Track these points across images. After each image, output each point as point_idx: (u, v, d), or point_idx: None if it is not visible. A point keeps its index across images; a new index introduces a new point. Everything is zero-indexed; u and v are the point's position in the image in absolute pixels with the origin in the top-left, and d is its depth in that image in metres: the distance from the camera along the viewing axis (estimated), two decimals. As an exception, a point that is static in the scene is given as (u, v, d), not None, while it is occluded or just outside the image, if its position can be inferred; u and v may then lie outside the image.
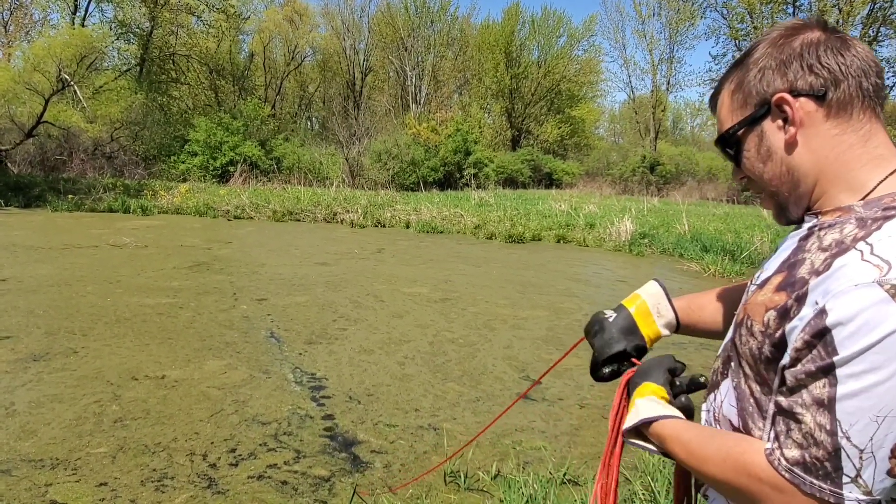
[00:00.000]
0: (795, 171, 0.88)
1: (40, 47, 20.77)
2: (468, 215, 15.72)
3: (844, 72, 0.83)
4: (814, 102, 0.84)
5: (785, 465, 0.76)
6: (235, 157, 24.83)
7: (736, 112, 0.93)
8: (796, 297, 0.80)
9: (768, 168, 0.91)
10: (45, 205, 15.17)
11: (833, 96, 0.83)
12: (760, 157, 0.91)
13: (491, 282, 8.33)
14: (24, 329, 5.18)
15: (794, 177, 0.89)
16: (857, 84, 0.83)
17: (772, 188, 0.93)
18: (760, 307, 0.86)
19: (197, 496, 2.82)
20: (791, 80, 0.85)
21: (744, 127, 0.91)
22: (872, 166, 0.84)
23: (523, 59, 41.82)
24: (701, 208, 23.31)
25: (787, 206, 0.92)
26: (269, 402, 3.93)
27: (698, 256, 11.21)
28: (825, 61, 0.84)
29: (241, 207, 15.78)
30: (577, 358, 5.20)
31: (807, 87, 0.84)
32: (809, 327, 0.75)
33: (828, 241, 0.82)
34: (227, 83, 35.41)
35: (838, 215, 0.85)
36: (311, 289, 7.34)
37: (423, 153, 28.79)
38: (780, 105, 0.86)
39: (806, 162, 0.87)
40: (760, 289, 0.89)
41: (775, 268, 0.90)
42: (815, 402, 0.74)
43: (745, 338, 0.88)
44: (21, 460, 3.04)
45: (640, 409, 1.05)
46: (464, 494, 2.99)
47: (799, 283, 0.81)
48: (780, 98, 0.86)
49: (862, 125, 0.84)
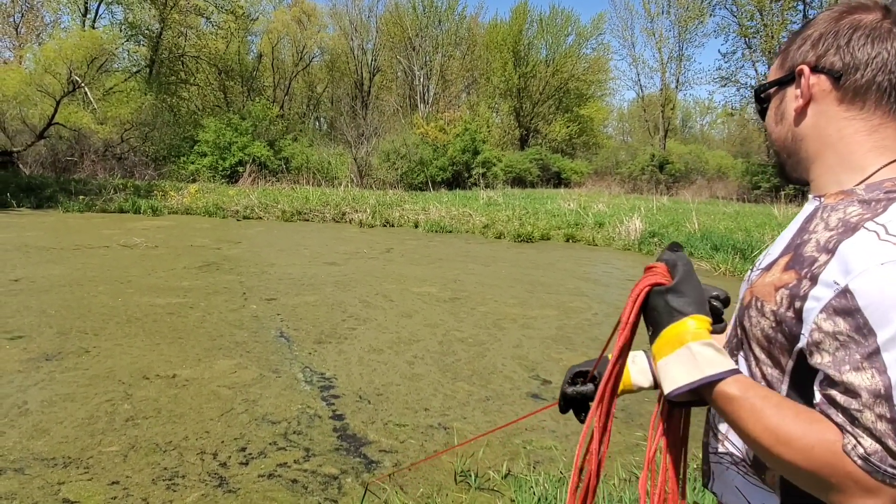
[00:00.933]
0: (797, 139, 0.93)
1: (51, 49, 20.96)
2: (477, 215, 15.71)
3: (866, 61, 0.84)
4: (830, 82, 0.87)
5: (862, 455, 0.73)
6: (244, 157, 24.94)
7: (775, 72, 0.98)
8: (809, 276, 0.79)
9: (778, 129, 0.97)
10: (56, 205, 15.29)
11: (848, 81, 0.86)
12: (775, 118, 0.97)
13: (500, 281, 8.32)
14: (37, 329, 5.21)
15: (794, 145, 0.94)
16: (873, 77, 0.84)
17: (776, 147, 0.99)
18: (770, 287, 0.86)
19: (208, 494, 2.82)
20: (818, 55, 0.88)
21: (773, 87, 0.97)
22: (875, 154, 0.86)
23: (531, 58, 41.74)
24: (711, 207, 23.17)
25: (785, 167, 0.99)
26: (279, 402, 3.94)
27: (709, 255, 11.14)
28: (853, 46, 0.85)
29: (251, 207, 15.84)
30: (587, 356, 5.18)
31: (827, 66, 0.87)
32: (833, 308, 0.75)
33: (833, 221, 0.83)
34: (236, 84, 35.56)
35: (841, 198, 0.86)
36: (320, 288, 7.35)
37: (432, 153, 28.81)
38: (800, 74, 0.90)
39: (808, 135, 0.92)
40: (767, 271, 0.90)
41: (780, 250, 0.91)
42: (871, 393, 0.72)
43: (756, 319, 0.87)
44: (34, 459, 3.06)
45: (702, 357, 0.84)
46: (475, 494, 2.98)
47: (808, 261, 0.81)
48: (801, 69, 0.90)
49: (873, 116, 0.86)
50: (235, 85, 35.60)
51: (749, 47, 29.70)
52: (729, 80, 31.44)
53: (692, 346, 0.85)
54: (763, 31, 28.18)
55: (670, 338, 0.88)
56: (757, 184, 31.08)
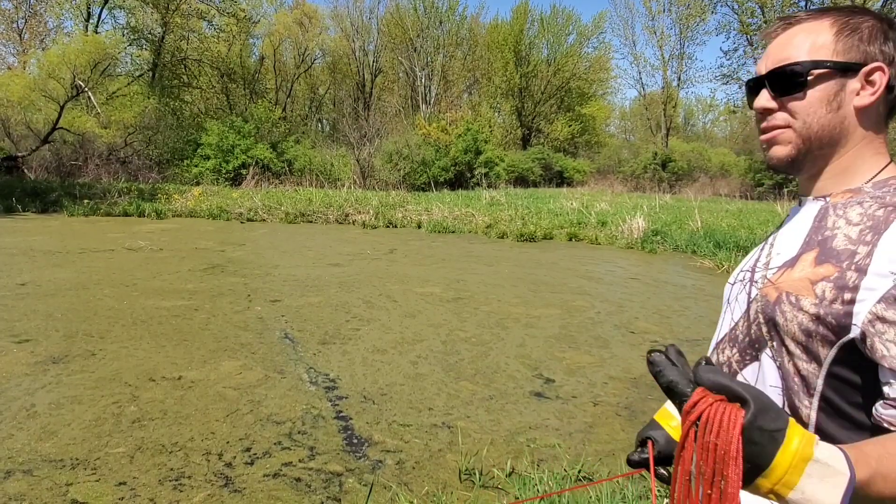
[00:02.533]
0: (844, 133, 0.90)
1: (55, 55, 21.06)
2: (479, 215, 15.72)
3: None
4: (886, 89, 0.87)
5: None
6: (247, 159, 25.00)
7: (836, 51, 0.89)
8: (854, 268, 0.80)
9: (827, 117, 0.90)
10: (61, 210, 15.37)
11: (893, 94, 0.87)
12: (828, 104, 0.89)
13: (503, 281, 8.34)
14: (43, 332, 5.25)
15: (838, 137, 0.90)
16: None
17: (807, 134, 0.91)
18: (804, 282, 0.86)
19: (214, 494, 2.85)
20: (890, 58, 0.87)
21: (836, 69, 0.88)
22: (879, 158, 0.91)
23: (533, 58, 41.76)
24: (714, 204, 23.15)
25: (808, 155, 0.92)
26: (284, 402, 3.97)
27: (711, 253, 11.14)
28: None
29: (254, 210, 15.89)
30: (590, 356, 5.20)
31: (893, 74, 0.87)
32: (894, 297, 0.75)
33: (854, 216, 0.85)
34: (238, 87, 35.67)
35: (850, 196, 0.88)
36: (324, 289, 7.38)
37: (434, 153, 28.84)
38: (873, 72, 0.87)
39: (855, 132, 0.90)
40: (791, 268, 0.89)
41: (797, 248, 0.91)
42: None
43: (792, 314, 0.86)
44: (42, 460, 3.09)
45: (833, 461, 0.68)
46: (479, 492, 3.00)
47: (846, 254, 0.82)
48: (879, 67, 0.86)
49: (884, 127, 0.91)
50: (238, 88, 35.71)
51: (751, 44, 29.61)
52: (731, 77, 31.37)
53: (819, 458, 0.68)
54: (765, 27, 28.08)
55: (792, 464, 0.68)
56: (760, 181, 31.02)
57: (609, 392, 4.37)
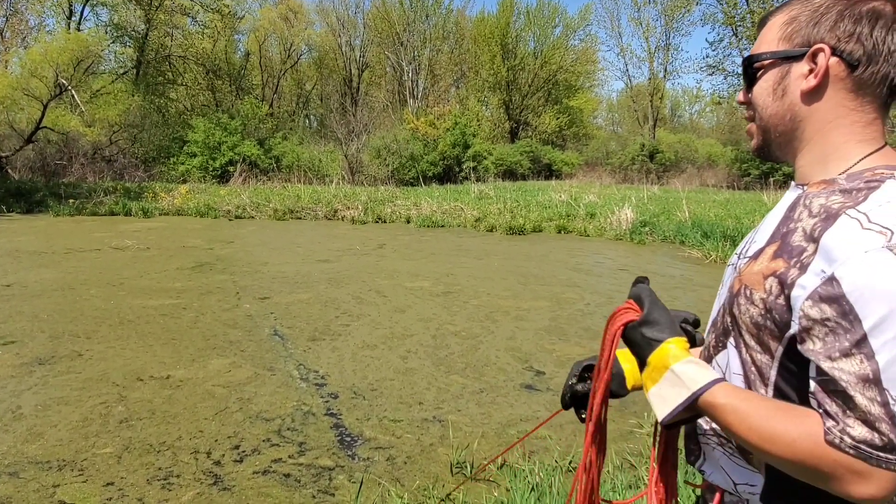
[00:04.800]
0: (796, 120, 0.91)
1: (37, 53, 20.79)
2: (468, 208, 15.71)
3: (887, 54, 0.84)
4: (846, 69, 0.86)
5: (851, 444, 0.74)
6: (235, 156, 24.85)
7: (778, 41, 0.92)
8: (798, 266, 0.81)
9: (775, 105, 0.93)
10: (46, 210, 15.21)
11: (865, 72, 0.85)
12: (774, 93, 0.93)
13: (493, 274, 8.34)
14: (29, 333, 5.20)
15: (791, 125, 0.92)
16: (888, 71, 0.84)
17: (766, 123, 0.95)
18: (758, 276, 0.87)
19: (203, 493, 2.83)
20: (837, 37, 0.85)
21: (776, 59, 0.92)
22: (863, 146, 0.88)
23: (519, 51, 41.73)
24: (701, 195, 23.26)
25: (770, 145, 0.97)
26: (274, 399, 3.95)
27: (699, 243, 11.19)
28: (876, 35, 0.84)
29: (242, 207, 15.80)
30: (580, 347, 5.21)
31: (847, 51, 0.85)
32: (819, 295, 0.77)
33: (815, 207, 0.85)
34: (224, 83, 35.39)
35: (823, 187, 0.88)
36: (313, 286, 7.35)
37: (422, 148, 28.79)
38: (816, 55, 0.87)
39: (809, 118, 0.90)
40: (755, 259, 0.91)
41: (767, 238, 0.92)
42: (860, 379, 0.74)
43: (745, 307, 0.89)
44: (28, 462, 3.06)
45: (686, 376, 0.87)
46: (470, 485, 3.00)
47: (796, 250, 0.83)
48: (819, 49, 0.86)
49: (872, 112, 0.87)
50: (224, 84, 35.43)
51: (735, 35, 29.72)
52: (716, 68, 31.47)
53: (675, 368, 0.88)
54: (749, 17, 28.20)
55: (655, 366, 0.91)
56: (746, 171, 31.19)
57: (599, 383, 4.38)
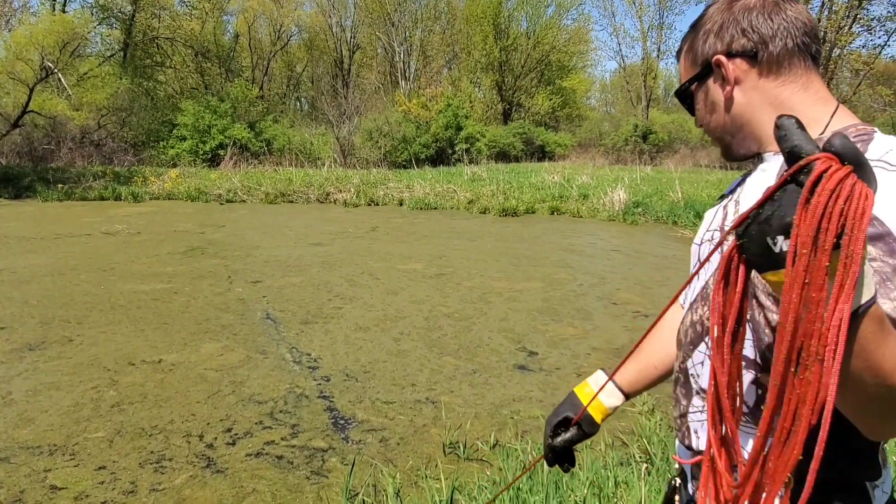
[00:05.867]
0: (737, 118, 0.98)
1: (22, 35, 20.45)
2: (461, 191, 15.66)
3: (773, 33, 0.92)
4: (747, 62, 0.94)
5: None
6: (225, 140, 24.59)
7: (689, 70, 1.04)
8: None
9: (714, 118, 1.02)
10: (35, 195, 15.05)
11: (764, 55, 0.93)
12: (707, 110, 1.03)
13: (485, 255, 8.33)
14: (19, 319, 5.16)
15: (736, 123, 0.99)
16: (784, 44, 0.92)
17: (717, 134, 1.03)
18: None
19: (196, 476, 2.83)
20: (727, 43, 0.95)
21: (693, 84, 1.03)
22: (821, 105, 0.92)
23: (512, 31, 41.31)
24: (694, 175, 23.26)
25: (731, 147, 1.03)
26: (267, 382, 3.94)
27: (692, 223, 11.21)
28: (756, 25, 0.93)
29: (233, 191, 15.68)
30: (573, 328, 5.22)
31: (740, 49, 0.94)
32: None
33: None
34: (213, 65, 34.91)
35: None
36: (306, 269, 7.33)
37: (414, 130, 28.59)
38: (718, 65, 0.96)
39: (746, 111, 0.97)
40: None
41: None
42: None
43: None
44: (19, 447, 3.04)
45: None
46: (463, 464, 3.01)
47: None
48: (717, 60, 0.96)
49: (798, 76, 0.93)
50: (213, 67, 34.95)
51: (729, 13, 29.58)
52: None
53: None
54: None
55: None
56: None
57: (592, 363, 4.39)
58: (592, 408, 1.20)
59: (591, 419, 1.21)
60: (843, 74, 26.97)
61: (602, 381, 1.23)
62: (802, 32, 0.93)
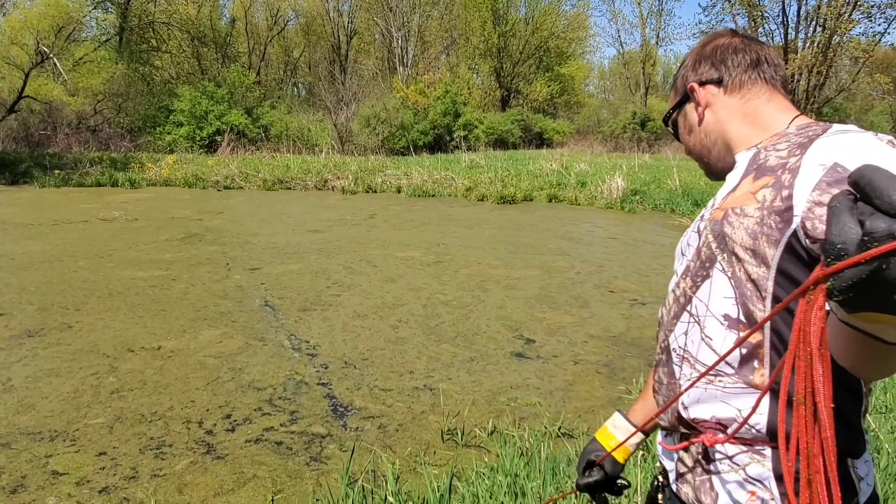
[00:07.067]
0: (710, 133, 1.14)
1: (16, 20, 20.27)
2: (459, 178, 15.63)
3: (736, 64, 1.10)
4: (716, 87, 1.12)
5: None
6: (222, 126, 24.44)
7: (672, 101, 1.23)
8: (788, 170, 0.87)
9: (692, 138, 1.19)
10: (32, 181, 14.98)
11: (728, 81, 1.10)
12: (686, 132, 1.20)
13: (483, 243, 8.34)
14: (17, 306, 5.17)
15: (710, 138, 1.14)
16: (747, 72, 1.09)
17: (696, 153, 1.20)
18: (746, 195, 0.93)
19: (197, 462, 2.86)
20: (699, 74, 1.14)
21: (675, 111, 1.22)
22: (782, 113, 1.05)
23: (510, 17, 41.01)
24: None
25: (710, 164, 1.17)
26: (266, 369, 3.96)
27: (689, 211, 11.23)
28: (723, 58, 1.12)
29: (231, 177, 15.61)
30: (570, 316, 5.25)
31: (709, 78, 1.12)
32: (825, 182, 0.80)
33: (781, 146, 0.94)
34: (210, 51, 34.65)
35: (777, 138, 0.98)
36: (304, 256, 7.33)
37: (412, 117, 28.44)
38: (692, 92, 1.15)
39: (716, 126, 1.12)
40: (733, 191, 0.98)
41: (737, 179, 1.00)
42: None
43: (738, 221, 0.92)
44: (20, 433, 3.06)
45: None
46: (461, 451, 3.04)
47: (779, 165, 0.90)
48: (691, 87, 1.15)
49: (762, 93, 1.08)
50: (209, 52, 34.68)
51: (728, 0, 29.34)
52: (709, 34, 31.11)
53: None
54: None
55: None
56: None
57: (589, 351, 4.42)
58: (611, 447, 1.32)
59: (614, 460, 1.32)
60: (842, 62, 26.83)
61: (618, 422, 1.34)
62: (762, 63, 1.10)
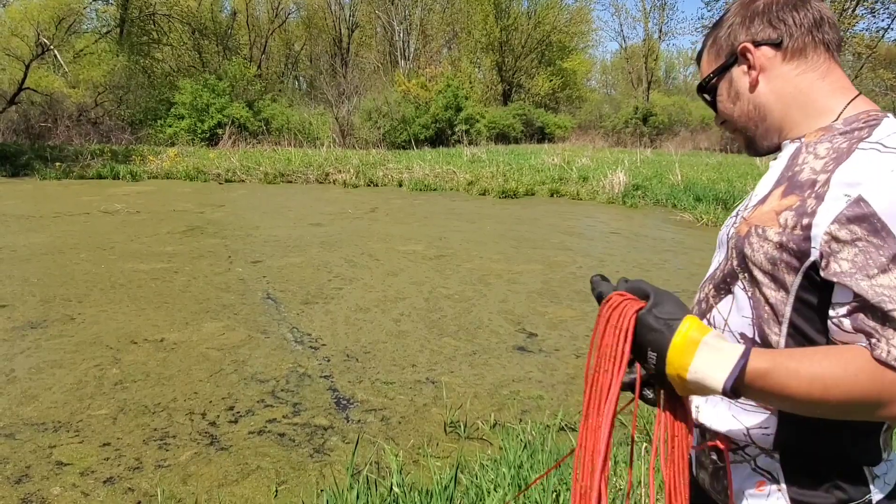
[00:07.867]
0: (761, 107, 1.02)
1: (17, 11, 20.23)
2: (461, 172, 15.61)
3: (798, 24, 0.97)
4: (773, 50, 0.99)
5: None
6: (223, 119, 24.41)
7: (712, 63, 1.07)
8: (814, 196, 0.84)
9: (738, 107, 1.05)
10: (32, 173, 14.97)
11: (788, 44, 0.98)
12: (731, 99, 1.05)
13: (485, 237, 8.34)
14: (20, 297, 5.17)
15: (760, 112, 1.02)
16: (810, 33, 0.97)
17: (741, 125, 1.06)
18: (770, 214, 0.90)
19: (200, 453, 2.87)
20: (753, 33, 1.00)
21: (717, 75, 1.06)
22: (837, 95, 0.96)
23: (513, 10, 40.87)
24: (694, 158, 23.21)
25: (755, 139, 1.06)
26: (269, 362, 3.97)
27: (691, 206, 11.22)
28: (782, 16, 0.98)
29: (232, 170, 15.61)
30: (572, 310, 5.25)
31: (766, 38, 0.99)
32: (846, 217, 0.79)
33: (822, 150, 0.89)
34: (211, 43, 34.56)
35: (822, 134, 0.93)
36: (305, 249, 7.33)
37: (414, 110, 28.41)
38: (744, 53, 1.00)
39: (769, 99, 1.00)
40: (762, 203, 0.94)
41: (771, 186, 0.96)
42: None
43: (758, 244, 0.90)
44: (24, 424, 3.07)
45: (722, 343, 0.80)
46: (464, 443, 3.05)
47: (808, 183, 0.86)
48: (744, 48, 1.00)
49: (819, 65, 0.97)
50: (210, 44, 34.60)
51: (732, -5, 29.27)
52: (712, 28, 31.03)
53: (708, 341, 0.79)
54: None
55: (683, 347, 0.79)
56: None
57: (591, 344, 4.42)
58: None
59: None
60: (845, 58, 26.75)
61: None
62: (824, 24, 0.98)
